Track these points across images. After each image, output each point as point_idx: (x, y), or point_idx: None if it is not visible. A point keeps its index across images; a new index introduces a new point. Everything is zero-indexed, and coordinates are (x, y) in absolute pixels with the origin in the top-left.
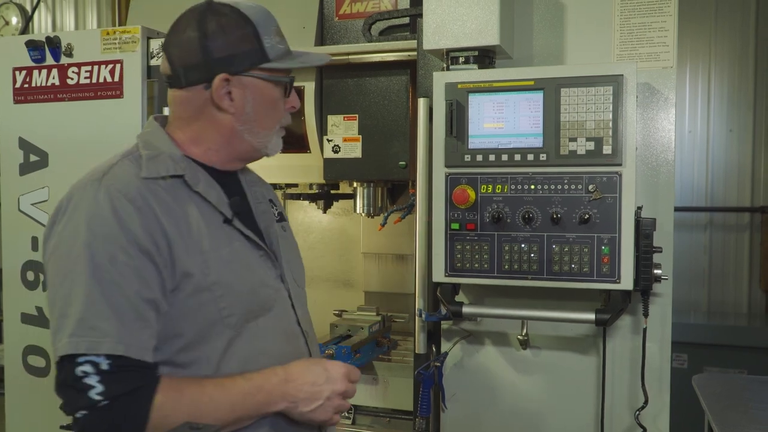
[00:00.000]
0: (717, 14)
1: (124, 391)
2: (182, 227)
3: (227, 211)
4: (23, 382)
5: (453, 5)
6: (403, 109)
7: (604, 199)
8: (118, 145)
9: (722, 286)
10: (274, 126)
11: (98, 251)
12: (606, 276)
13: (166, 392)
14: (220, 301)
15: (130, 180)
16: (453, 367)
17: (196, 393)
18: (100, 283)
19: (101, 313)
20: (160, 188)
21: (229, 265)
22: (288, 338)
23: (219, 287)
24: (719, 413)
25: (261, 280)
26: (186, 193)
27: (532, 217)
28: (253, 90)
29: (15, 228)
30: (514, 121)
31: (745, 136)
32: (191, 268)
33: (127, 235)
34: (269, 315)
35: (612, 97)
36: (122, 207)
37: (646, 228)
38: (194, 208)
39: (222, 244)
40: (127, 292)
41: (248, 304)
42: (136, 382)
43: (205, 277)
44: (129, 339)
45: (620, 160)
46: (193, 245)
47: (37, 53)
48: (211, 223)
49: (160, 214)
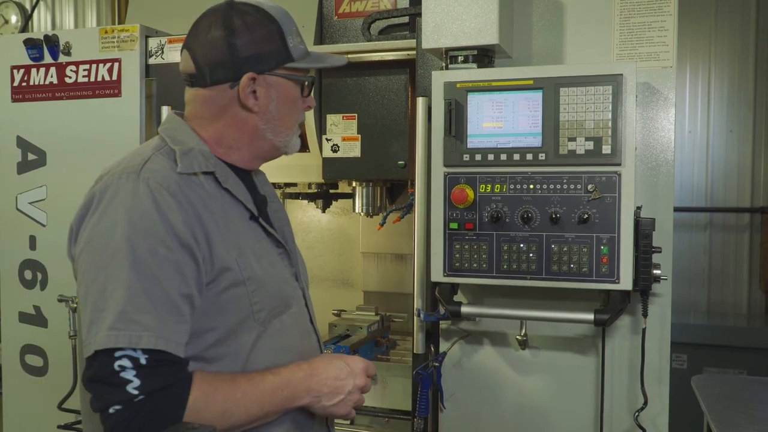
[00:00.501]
0: (717, 14)
1: (160, 386)
2: (220, 222)
3: (254, 208)
4: (21, 381)
5: (452, 4)
6: (402, 109)
7: (603, 198)
8: (116, 143)
9: (722, 287)
10: (294, 125)
11: (139, 244)
12: (605, 276)
13: (200, 387)
14: (253, 296)
15: (168, 174)
16: (452, 367)
17: (230, 389)
18: (140, 277)
19: (142, 306)
20: (195, 184)
21: (260, 261)
22: (304, 335)
23: (253, 282)
24: (719, 414)
25: (283, 277)
26: (216, 190)
27: (531, 216)
28: (277, 89)
29: (13, 227)
30: (513, 120)
31: (745, 137)
32: (229, 262)
33: (167, 228)
34: (290, 312)
35: (611, 96)
36: (163, 200)
37: (646, 228)
38: (226, 203)
39: (253, 240)
40: (167, 286)
41: (274, 300)
42: (172, 378)
43: (241, 272)
44: (168, 334)
45: (619, 160)
46: (230, 240)
47: (36, 52)
48: (240, 218)
49: (199, 208)
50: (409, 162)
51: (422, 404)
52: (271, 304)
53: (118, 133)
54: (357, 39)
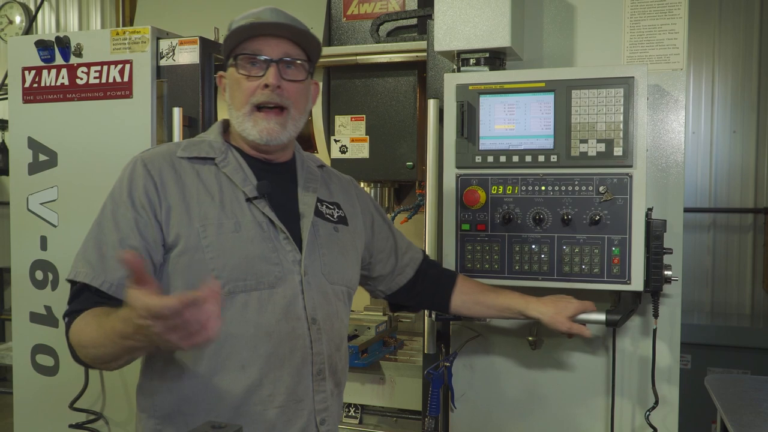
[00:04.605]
0: (721, 15)
1: (73, 310)
2: (189, 197)
3: (251, 191)
4: (32, 381)
5: (464, 7)
6: (410, 110)
7: (614, 200)
8: (127, 144)
9: (725, 287)
10: (242, 105)
11: (107, 205)
12: (616, 277)
13: (81, 321)
14: (210, 263)
15: (158, 154)
16: (462, 367)
17: (91, 326)
18: (98, 229)
19: (92, 251)
20: (186, 165)
21: (231, 235)
22: (284, 319)
23: (212, 250)
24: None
25: (262, 256)
26: (215, 173)
27: (542, 218)
28: (229, 77)
29: (24, 227)
30: (525, 122)
31: (749, 138)
32: (185, 231)
33: (129, 193)
34: (270, 291)
35: (623, 99)
36: (136, 172)
37: (657, 229)
38: (221, 185)
39: (231, 217)
40: (115, 237)
41: (240, 272)
42: (80, 306)
43: (200, 239)
44: (102, 274)
45: (631, 162)
46: (196, 213)
47: (47, 53)
48: (234, 199)
49: (168, 181)
50: (417, 163)
51: (433, 404)
52: (235, 276)
53: (129, 134)
54: (365, 41)
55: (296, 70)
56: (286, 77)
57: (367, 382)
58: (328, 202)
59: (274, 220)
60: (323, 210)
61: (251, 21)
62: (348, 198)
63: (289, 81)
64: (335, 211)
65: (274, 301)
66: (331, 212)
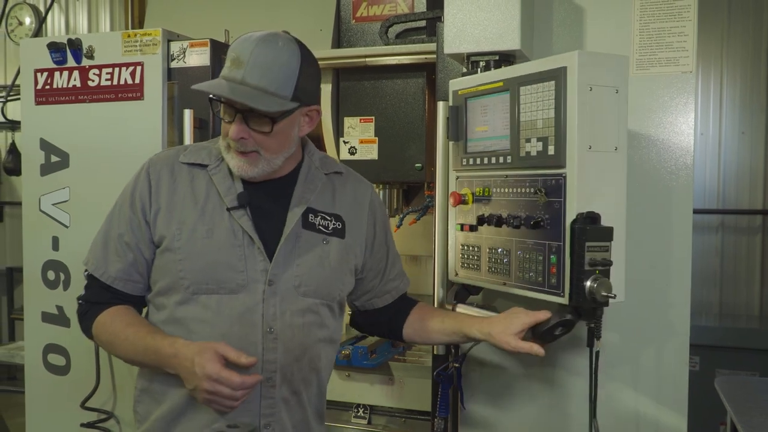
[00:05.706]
0: (730, 17)
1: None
2: (176, 201)
3: (231, 201)
4: (43, 380)
5: (474, 9)
6: (419, 112)
7: (551, 203)
8: (138, 146)
9: (734, 289)
10: (222, 138)
11: (116, 204)
12: (553, 288)
13: (105, 316)
14: (179, 264)
15: (164, 158)
16: (472, 368)
17: (120, 330)
18: (107, 224)
19: (99, 244)
20: (185, 170)
21: (201, 241)
22: (242, 323)
23: (182, 252)
24: (743, 416)
25: (228, 263)
26: (208, 180)
27: (503, 220)
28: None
29: (36, 228)
30: (494, 123)
31: (758, 139)
32: (166, 232)
33: (131, 194)
34: (231, 296)
35: (554, 92)
36: (142, 176)
37: (582, 236)
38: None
39: (207, 223)
40: (117, 233)
41: (204, 276)
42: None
43: (174, 242)
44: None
45: (563, 162)
46: (177, 216)
47: (59, 55)
48: (218, 206)
49: (163, 186)
50: (425, 164)
51: (442, 405)
52: (198, 279)
53: (140, 135)
54: (374, 42)
55: (261, 121)
56: (252, 126)
57: (376, 382)
58: (325, 213)
59: (248, 230)
60: (316, 221)
61: (220, 78)
62: (356, 208)
63: (254, 131)
64: (331, 222)
65: (231, 306)
66: (326, 224)
